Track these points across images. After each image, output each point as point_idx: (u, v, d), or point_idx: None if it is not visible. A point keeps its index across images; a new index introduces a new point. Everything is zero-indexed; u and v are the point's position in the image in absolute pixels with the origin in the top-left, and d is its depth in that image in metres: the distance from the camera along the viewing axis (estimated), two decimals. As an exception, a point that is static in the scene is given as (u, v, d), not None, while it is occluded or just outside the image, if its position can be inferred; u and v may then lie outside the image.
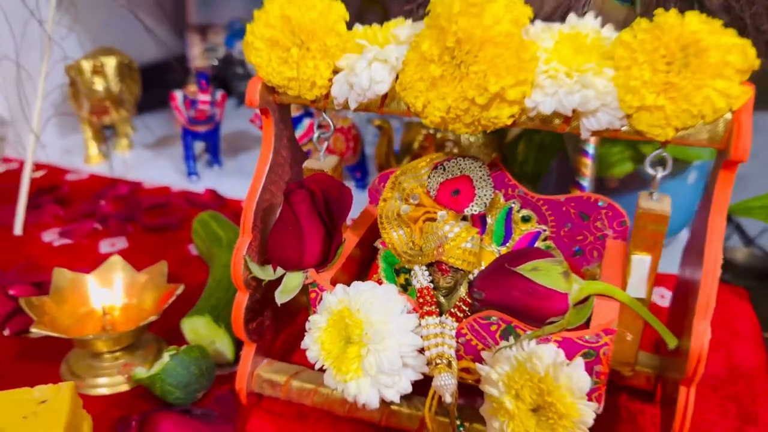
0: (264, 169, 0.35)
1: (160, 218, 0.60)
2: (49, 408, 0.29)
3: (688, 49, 0.28)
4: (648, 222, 0.32)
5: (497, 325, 0.32)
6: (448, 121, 0.31)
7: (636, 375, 0.39)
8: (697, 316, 0.30)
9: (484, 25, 0.29)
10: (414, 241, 0.35)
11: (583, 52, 0.30)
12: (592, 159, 0.42)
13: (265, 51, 0.33)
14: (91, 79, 0.70)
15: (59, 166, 0.74)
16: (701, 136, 0.29)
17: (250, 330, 0.36)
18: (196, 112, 0.68)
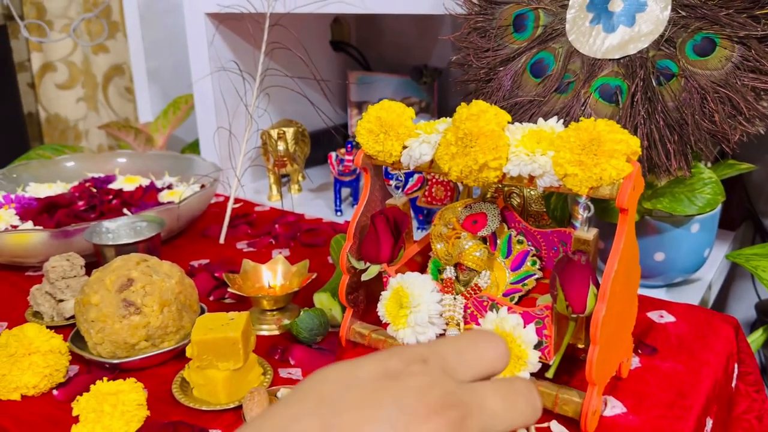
0: (362, 203, 0.59)
1: (313, 238, 0.86)
2: (235, 322, 0.54)
3: (593, 141, 0.47)
4: (578, 243, 0.51)
5: (487, 302, 0.52)
6: (461, 177, 0.52)
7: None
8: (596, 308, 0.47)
9: (479, 126, 0.50)
10: (448, 251, 0.57)
11: (540, 141, 0.50)
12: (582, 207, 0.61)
13: (365, 135, 0.57)
14: (276, 142, 0.99)
15: (251, 200, 1.04)
16: (605, 192, 0.47)
17: (349, 299, 0.60)
18: (343, 167, 0.94)
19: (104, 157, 1.09)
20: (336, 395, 0.24)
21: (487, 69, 0.66)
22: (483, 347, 0.27)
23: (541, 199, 0.72)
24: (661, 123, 0.56)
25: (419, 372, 0.25)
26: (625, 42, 0.59)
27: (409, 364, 0.25)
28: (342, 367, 0.25)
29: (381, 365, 0.25)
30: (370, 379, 0.25)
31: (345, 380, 0.25)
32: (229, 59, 1.03)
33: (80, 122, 1.98)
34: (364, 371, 0.25)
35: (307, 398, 0.24)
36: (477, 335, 0.28)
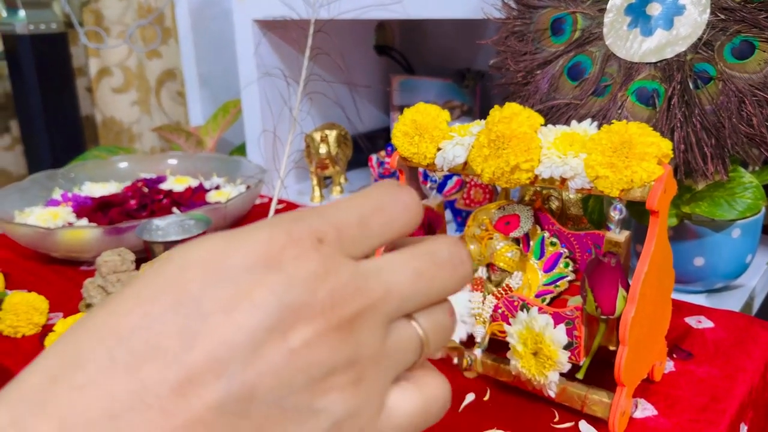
0: (398, 203, 0.60)
1: (351, 239, 0.88)
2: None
3: (625, 144, 0.47)
4: (609, 245, 0.51)
5: (517, 302, 0.53)
6: (493, 179, 0.53)
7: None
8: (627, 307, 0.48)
9: (512, 128, 0.51)
10: (481, 251, 0.58)
11: (572, 143, 0.50)
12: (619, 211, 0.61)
13: (401, 137, 0.58)
14: (319, 145, 1.02)
15: (294, 202, 1.07)
16: (636, 194, 0.47)
17: (383, 298, 0.61)
18: (383, 170, 0.96)
19: (156, 158, 1.13)
20: (200, 289, 0.19)
21: (524, 72, 0.67)
22: (392, 206, 0.23)
23: (579, 202, 0.72)
24: (698, 126, 0.56)
25: (306, 256, 0.20)
26: (663, 45, 0.59)
27: (297, 245, 0.20)
28: (210, 247, 0.20)
29: (262, 247, 0.20)
30: (245, 267, 0.19)
31: (213, 268, 0.19)
32: (275, 65, 1.06)
33: (134, 125, 2.06)
34: (238, 255, 0.20)
35: (163, 291, 0.19)
36: (383, 191, 0.23)
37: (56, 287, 0.77)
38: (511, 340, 0.52)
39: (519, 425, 0.50)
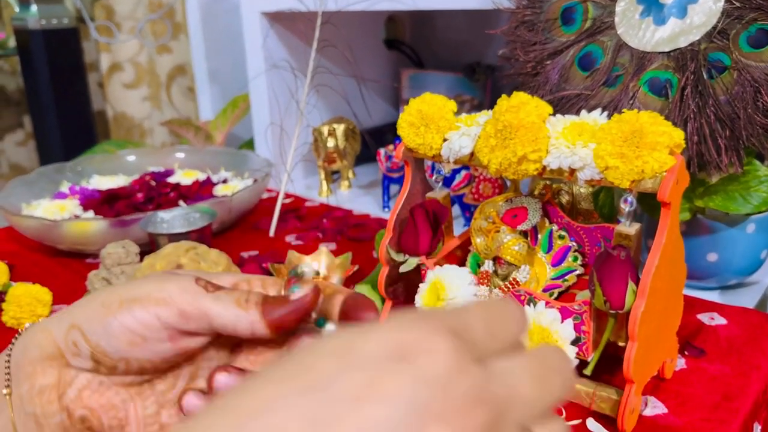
0: (403, 196, 0.59)
1: (359, 233, 0.87)
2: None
3: (636, 133, 0.46)
4: (619, 238, 0.50)
5: (524, 296, 0.52)
6: (500, 170, 0.52)
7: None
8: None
9: (519, 118, 0.50)
10: (487, 245, 0.57)
11: (581, 133, 0.49)
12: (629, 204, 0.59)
13: (407, 128, 0.57)
14: (326, 139, 1.01)
15: (301, 196, 1.06)
16: (647, 185, 0.46)
17: (388, 291, 0.60)
18: (392, 164, 0.95)
19: (164, 152, 1.13)
20: (329, 376, 0.19)
21: (534, 63, 0.66)
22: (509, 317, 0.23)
23: (590, 197, 0.71)
24: (711, 117, 0.55)
25: (442, 353, 0.19)
26: (676, 34, 0.57)
27: (431, 340, 0.20)
28: (344, 337, 0.20)
29: (395, 338, 0.20)
30: (377, 356, 0.19)
31: (345, 356, 0.20)
32: (283, 58, 1.06)
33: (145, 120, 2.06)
34: (371, 344, 0.20)
35: (292, 376, 0.20)
36: (500, 303, 0.24)
37: (61, 279, 0.76)
38: (517, 335, 0.50)
39: (525, 422, 0.49)
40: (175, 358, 0.35)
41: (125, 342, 0.33)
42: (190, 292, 0.33)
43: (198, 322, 0.33)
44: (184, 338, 0.34)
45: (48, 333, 0.35)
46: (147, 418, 0.35)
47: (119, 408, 0.35)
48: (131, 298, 0.33)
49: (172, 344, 0.34)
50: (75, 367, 0.35)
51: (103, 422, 0.35)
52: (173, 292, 0.33)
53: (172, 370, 0.36)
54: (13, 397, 0.35)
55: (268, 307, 0.33)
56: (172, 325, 0.33)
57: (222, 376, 0.33)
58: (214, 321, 0.33)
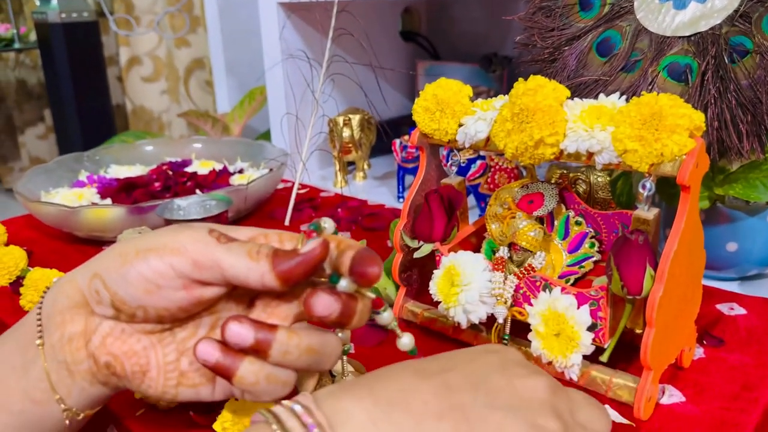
0: (417, 182, 0.59)
1: (373, 222, 0.87)
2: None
3: (655, 115, 0.45)
4: (637, 223, 0.49)
5: (540, 282, 0.51)
6: (516, 155, 0.51)
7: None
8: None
9: (536, 101, 0.49)
10: (503, 231, 0.56)
11: (600, 116, 0.48)
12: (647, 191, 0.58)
13: (422, 113, 0.57)
14: (342, 129, 1.01)
15: (317, 186, 1.06)
16: (666, 169, 0.45)
17: (402, 278, 0.60)
18: (407, 154, 0.94)
19: (182, 142, 1.13)
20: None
21: (551, 49, 0.65)
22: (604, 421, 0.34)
23: (608, 186, 0.70)
24: (733, 102, 0.54)
25: None
26: (697, 18, 0.56)
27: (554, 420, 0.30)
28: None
29: None
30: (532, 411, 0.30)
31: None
32: (299, 48, 1.06)
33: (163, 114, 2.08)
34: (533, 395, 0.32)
35: None
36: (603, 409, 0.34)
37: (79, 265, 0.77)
38: (532, 321, 0.50)
39: (539, 408, 0.49)
40: (191, 308, 0.36)
41: (141, 290, 0.34)
42: (203, 243, 0.34)
43: (210, 272, 0.34)
44: (198, 288, 0.35)
45: (74, 283, 0.37)
46: (167, 365, 0.36)
47: (141, 355, 0.36)
48: (147, 248, 0.34)
49: (186, 293, 0.34)
50: (98, 314, 0.36)
51: (126, 368, 0.36)
52: (186, 242, 0.34)
53: (192, 319, 0.37)
54: (46, 347, 0.37)
55: (278, 260, 0.34)
56: (185, 274, 0.34)
57: (234, 325, 0.33)
58: (226, 271, 0.34)
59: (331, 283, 0.36)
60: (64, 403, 0.38)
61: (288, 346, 0.34)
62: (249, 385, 0.34)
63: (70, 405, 0.38)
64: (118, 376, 0.37)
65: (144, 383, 0.37)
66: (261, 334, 0.33)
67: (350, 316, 0.35)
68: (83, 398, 0.38)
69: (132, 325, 0.36)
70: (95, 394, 0.39)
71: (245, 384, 0.34)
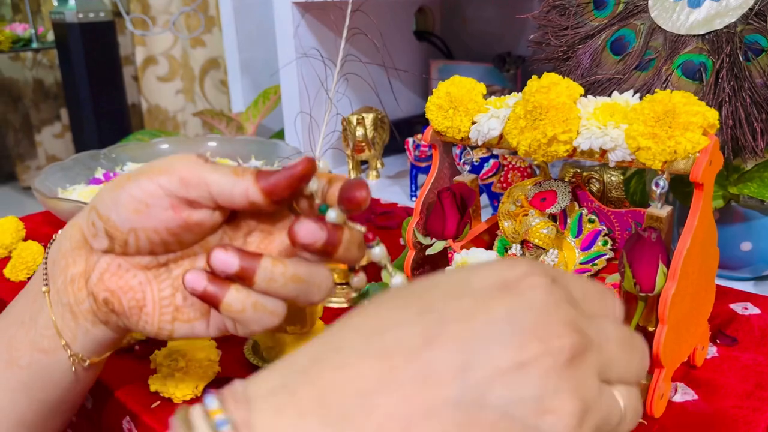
0: (430, 180, 0.59)
1: (386, 221, 0.87)
2: (304, 289, 0.56)
3: (668, 113, 0.45)
4: (650, 220, 0.49)
5: (552, 278, 0.51)
6: (530, 152, 0.51)
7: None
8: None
9: (550, 98, 0.49)
10: (515, 228, 0.56)
11: (613, 114, 0.48)
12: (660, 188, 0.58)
13: (435, 111, 0.57)
14: (355, 128, 1.01)
15: (329, 185, 1.07)
16: (680, 166, 0.45)
17: (414, 275, 0.60)
18: (419, 153, 0.95)
19: (196, 140, 1.14)
20: (443, 304, 0.22)
21: (565, 47, 0.65)
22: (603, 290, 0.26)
23: (621, 185, 0.70)
24: (747, 101, 0.53)
25: (543, 288, 0.22)
26: (711, 17, 0.56)
27: (535, 279, 0.23)
28: (456, 274, 0.24)
29: (500, 274, 0.23)
30: (483, 287, 0.22)
31: (456, 288, 0.23)
32: (313, 47, 1.06)
33: (179, 113, 2.09)
34: (478, 278, 0.23)
35: (411, 304, 0.23)
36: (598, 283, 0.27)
37: (95, 261, 0.78)
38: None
39: (551, 405, 0.49)
40: (179, 231, 0.36)
41: (131, 210, 0.35)
42: (190, 162, 0.35)
43: (197, 189, 0.34)
44: (186, 208, 0.35)
45: (76, 224, 0.37)
46: (162, 300, 0.37)
47: (137, 290, 0.37)
48: (138, 172, 0.35)
49: (174, 213, 0.35)
50: (96, 249, 0.36)
51: (123, 304, 0.37)
52: (175, 161, 0.35)
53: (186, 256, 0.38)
54: (51, 293, 0.38)
55: (261, 174, 0.35)
56: (173, 192, 0.34)
57: (219, 252, 0.34)
58: (212, 188, 0.34)
59: (320, 213, 0.36)
60: (69, 348, 0.39)
61: (273, 273, 0.34)
62: (236, 313, 0.34)
63: (76, 350, 0.39)
64: (116, 313, 0.37)
65: (141, 319, 0.37)
66: (246, 261, 0.34)
67: (335, 245, 0.35)
68: (88, 341, 0.39)
69: (128, 260, 0.37)
70: (99, 336, 0.39)
71: (232, 311, 0.34)
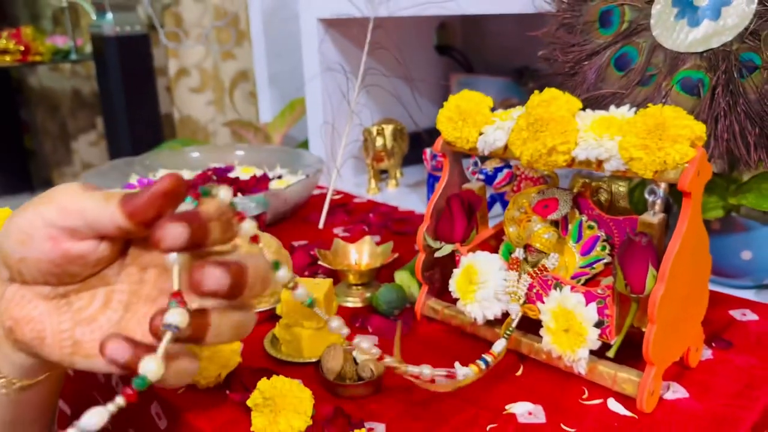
0: (441, 187, 0.63)
1: (403, 227, 0.91)
2: (319, 286, 0.60)
3: (659, 126, 0.48)
4: (643, 226, 0.52)
5: (551, 281, 0.54)
6: (531, 162, 0.55)
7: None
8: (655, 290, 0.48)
9: (550, 112, 0.53)
10: (519, 233, 0.60)
11: (609, 126, 0.52)
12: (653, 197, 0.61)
13: (445, 122, 0.61)
14: (375, 138, 1.06)
15: (350, 193, 1.11)
16: (670, 176, 0.48)
17: (425, 276, 0.64)
18: (436, 162, 0.99)
19: (225, 149, 1.20)
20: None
21: (572, 63, 0.68)
22: None
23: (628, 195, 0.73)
24: (742, 115, 0.56)
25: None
26: (709, 36, 0.59)
27: None
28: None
29: None
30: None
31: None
32: (336, 61, 1.11)
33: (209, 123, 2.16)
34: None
35: None
36: None
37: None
38: (543, 318, 0.53)
39: (548, 399, 0.52)
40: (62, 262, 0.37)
41: (16, 240, 0.36)
42: (71, 190, 0.36)
43: (74, 218, 0.35)
44: (68, 240, 0.36)
45: None
46: (62, 333, 0.38)
47: (37, 320, 0.37)
48: (28, 203, 0.37)
49: (54, 244, 0.36)
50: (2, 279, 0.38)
51: (25, 333, 0.38)
52: (57, 191, 0.37)
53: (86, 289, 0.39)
54: None
55: (126, 197, 0.34)
56: (53, 222, 0.35)
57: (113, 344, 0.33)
58: (87, 214, 0.35)
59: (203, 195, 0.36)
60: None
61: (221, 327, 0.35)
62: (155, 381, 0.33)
63: (4, 373, 0.40)
64: (20, 342, 0.38)
65: (44, 350, 0.38)
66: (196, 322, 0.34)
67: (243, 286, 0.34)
68: (10, 365, 0.40)
69: (30, 290, 0.37)
70: (21, 361, 0.39)
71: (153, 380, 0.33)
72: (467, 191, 0.61)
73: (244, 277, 0.34)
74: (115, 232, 0.35)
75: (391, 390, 0.54)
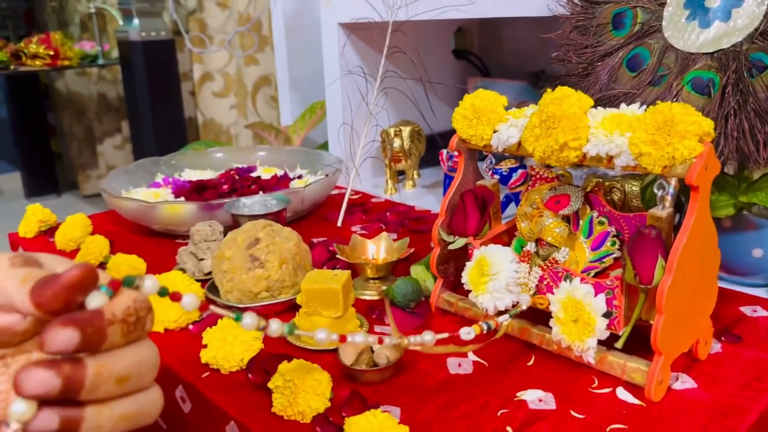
0: (455, 183, 0.65)
1: (419, 225, 0.93)
2: (338, 277, 0.62)
3: (667, 122, 0.50)
4: (652, 220, 0.53)
5: (561, 273, 0.56)
6: (544, 158, 0.56)
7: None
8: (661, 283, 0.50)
9: (562, 109, 0.55)
10: (531, 228, 0.61)
11: (619, 123, 0.53)
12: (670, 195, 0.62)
13: (460, 120, 0.63)
14: (393, 139, 1.08)
15: (368, 192, 1.14)
16: (678, 171, 0.50)
17: (439, 270, 0.66)
18: (453, 163, 1.01)
19: (248, 150, 1.23)
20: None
21: (585, 64, 0.70)
22: None
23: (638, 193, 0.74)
24: (751, 114, 0.58)
25: None
26: (720, 36, 0.61)
27: None
28: None
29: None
30: None
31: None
32: (356, 64, 1.14)
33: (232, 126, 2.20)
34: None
35: None
36: None
37: (154, 255, 0.86)
38: (553, 308, 0.55)
39: (558, 387, 0.54)
40: None
41: None
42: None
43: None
44: None
45: None
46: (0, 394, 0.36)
47: None
48: None
49: None
50: None
51: None
52: None
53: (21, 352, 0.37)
54: None
55: (38, 285, 0.32)
56: None
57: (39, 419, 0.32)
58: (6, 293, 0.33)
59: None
60: None
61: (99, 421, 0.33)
62: None
63: None
64: None
65: None
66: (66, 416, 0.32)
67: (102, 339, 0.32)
68: None
69: None
70: None
71: None
72: (481, 187, 0.63)
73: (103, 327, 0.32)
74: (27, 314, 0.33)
75: (406, 377, 0.56)
